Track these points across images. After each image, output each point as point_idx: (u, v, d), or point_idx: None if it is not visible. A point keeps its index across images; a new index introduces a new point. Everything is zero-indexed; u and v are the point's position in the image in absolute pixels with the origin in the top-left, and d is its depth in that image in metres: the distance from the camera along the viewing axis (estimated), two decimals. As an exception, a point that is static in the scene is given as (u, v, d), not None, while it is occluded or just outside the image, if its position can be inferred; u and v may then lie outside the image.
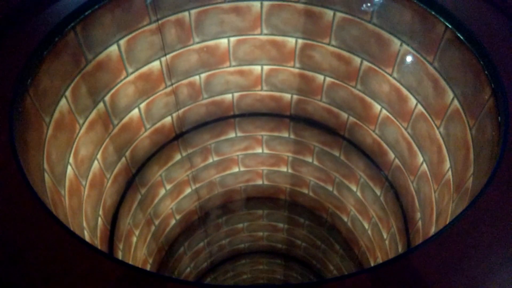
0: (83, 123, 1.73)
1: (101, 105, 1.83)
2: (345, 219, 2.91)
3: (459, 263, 0.93)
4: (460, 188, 1.44)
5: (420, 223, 1.90)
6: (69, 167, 1.62)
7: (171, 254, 3.09)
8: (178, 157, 2.57)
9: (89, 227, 1.75)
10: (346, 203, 2.79)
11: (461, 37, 1.45)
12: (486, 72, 1.35)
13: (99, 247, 1.84)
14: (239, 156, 2.84)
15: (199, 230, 3.27)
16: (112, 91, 1.88)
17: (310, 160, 2.75)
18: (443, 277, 0.92)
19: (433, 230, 1.66)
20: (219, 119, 2.51)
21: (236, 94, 2.40)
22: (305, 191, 3.05)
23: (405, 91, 1.86)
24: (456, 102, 1.55)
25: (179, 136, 2.45)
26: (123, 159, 2.13)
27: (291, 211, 3.33)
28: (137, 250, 2.49)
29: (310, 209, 3.17)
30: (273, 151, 2.81)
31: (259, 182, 3.08)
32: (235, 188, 3.11)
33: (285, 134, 2.64)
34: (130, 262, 2.36)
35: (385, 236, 2.42)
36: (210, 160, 2.77)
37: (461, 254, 0.95)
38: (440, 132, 1.68)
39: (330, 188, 2.84)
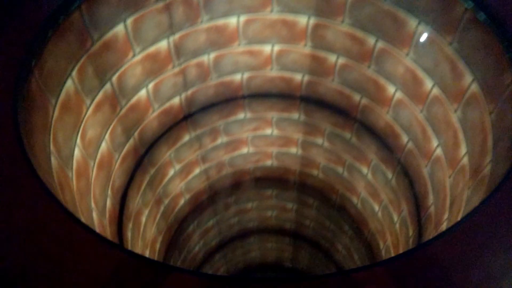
0: (90, 104, 1.70)
1: (108, 85, 1.80)
2: (355, 201, 2.88)
3: (479, 255, 0.90)
4: (477, 176, 1.39)
5: (432, 208, 1.87)
6: (76, 148, 1.60)
7: (180, 233, 3.12)
8: (187, 137, 2.55)
9: (98, 208, 1.75)
10: (356, 185, 2.76)
11: (483, 18, 1.38)
12: (508, 55, 1.28)
13: (108, 228, 1.84)
14: (248, 137, 2.81)
15: (208, 209, 3.28)
16: (119, 71, 1.84)
17: (320, 141, 2.71)
18: (460, 270, 0.89)
19: (446, 217, 1.63)
20: (228, 100, 2.47)
21: (246, 75, 2.34)
22: (315, 172, 3.02)
23: (421, 73, 1.80)
24: (474, 85, 1.48)
25: (187, 116, 2.42)
26: (132, 139, 2.11)
27: (300, 192, 3.31)
28: (147, 229, 2.50)
29: (320, 190, 3.15)
30: (282, 132, 2.77)
31: (269, 163, 3.06)
32: (244, 169, 3.09)
33: (295, 115, 2.60)
34: (139, 241, 2.38)
35: (395, 219, 2.39)
36: (219, 141, 2.75)
37: (480, 246, 0.92)
38: (456, 116, 1.62)
39: (340, 170, 2.80)
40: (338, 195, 3.02)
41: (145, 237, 2.49)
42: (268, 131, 2.77)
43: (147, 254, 2.50)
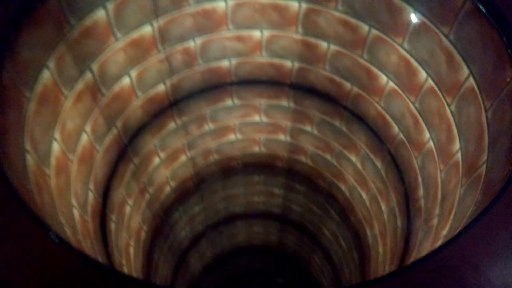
0: (69, 94, 1.61)
1: (88, 74, 1.70)
2: (343, 188, 2.86)
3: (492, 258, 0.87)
4: (471, 174, 1.36)
5: (422, 201, 1.85)
6: (54, 143, 1.51)
7: (166, 220, 3.07)
8: (172, 125, 2.47)
9: (79, 204, 1.68)
10: (345, 173, 2.73)
11: (483, 10, 1.32)
12: (509, 50, 1.23)
13: (90, 223, 1.78)
14: (236, 124, 2.74)
15: (194, 196, 3.23)
16: (100, 59, 1.74)
17: (309, 129, 2.66)
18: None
19: (437, 212, 1.61)
20: (215, 87, 2.38)
21: (234, 61, 2.25)
22: (303, 159, 2.98)
23: (415, 64, 1.74)
24: (471, 80, 1.43)
25: (173, 104, 2.33)
26: (114, 129, 2.02)
27: (288, 178, 3.28)
28: (131, 220, 2.44)
29: (308, 176, 3.12)
30: (271, 119, 2.70)
31: (256, 149, 3.00)
32: (231, 156, 3.03)
33: (285, 103, 2.53)
34: (124, 233, 2.32)
35: (383, 209, 2.38)
36: (206, 128, 2.67)
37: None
38: (451, 110, 1.58)
39: (329, 158, 2.77)
40: (326, 181, 3.00)
41: (130, 228, 2.43)
42: (256, 118, 2.70)
43: (131, 244, 2.45)
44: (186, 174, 2.94)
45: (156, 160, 2.55)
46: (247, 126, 2.77)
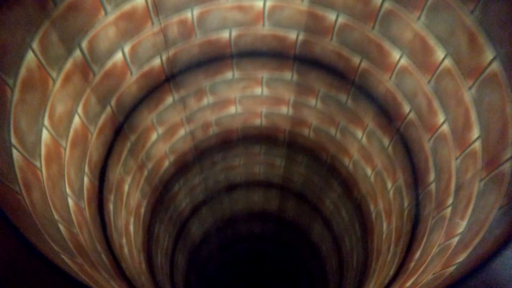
0: (58, 76, 1.48)
1: (77, 52, 1.56)
2: (346, 163, 2.79)
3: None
4: (492, 168, 1.27)
5: (433, 186, 1.77)
6: (44, 131, 1.41)
7: (166, 193, 3.02)
8: (170, 99, 2.34)
9: (74, 192, 1.60)
10: (349, 148, 2.65)
11: (516, -14, 1.18)
12: (544, 36, 1.11)
13: (86, 210, 1.70)
14: (236, 97, 2.61)
15: (194, 168, 3.16)
16: (90, 35, 1.59)
17: (313, 103, 2.54)
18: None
19: (450, 201, 1.54)
20: (214, 59, 2.24)
21: (234, 32, 2.09)
22: (306, 132, 2.88)
23: (432, 41, 1.60)
24: (496, 64, 1.31)
25: (170, 78, 2.19)
26: (108, 108, 1.91)
27: (289, 150, 3.20)
28: (130, 197, 2.38)
29: (310, 149, 3.04)
30: (273, 92, 2.58)
31: (257, 122, 2.90)
32: (231, 128, 2.93)
33: (288, 75, 2.39)
34: (123, 211, 2.27)
35: (389, 187, 2.32)
36: (205, 102, 2.55)
37: None
38: (470, 94, 1.47)
39: (333, 132, 2.67)
40: (329, 155, 2.92)
41: (129, 205, 2.37)
42: (257, 91, 2.57)
43: (131, 221, 2.40)
44: (185, 147, 2.85)
45: (154, 136, 2.45)
46: (248, 99, 2.65)
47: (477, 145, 1.41)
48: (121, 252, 2.03)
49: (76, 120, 1.67)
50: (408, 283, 1.39)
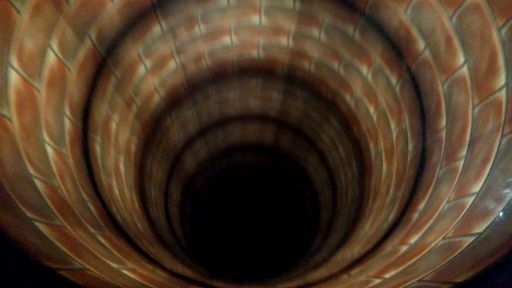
0: (23, 7, 1.26)
1: (44, -24, 1.32)
2: (348, 99, 2.63)
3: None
4: (518, 124, 1.14)
5: (443, 133, 1.65)
6: (12, 73, 1.22)
7: (157, 128, 2.88)
8: (157, 29, 2.11)
9: (53, 138, 1.45)
10: (352, 84, 2.47)
11: None
12: None
13: (69, 155, 1.57)
14: (231, 26, 2.37)
15: (186, 102, 3.00)
16: (57, -46, 1.34)
17: (316, 34, 2.31)
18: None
19: (463, 154, 1.42)
20: (207, -17, 1.97)
21: (230, -49, 1.81)
22: (306, 65, 2.68)
23: (461, -32, 1.37)
24: (539, 1, 1.12)
25: (156, 5, 1.94)
26: (88, 41, 1.69)
27: (287, 84, 3.01)
28: (119, 135, 2.25)
29: (310, 84, 2.86)
30: (272, 21, 2.33)
31: (254, 54, 2.68)
32: (226, 60, 2.71)
33: (289, 3, 2.14)
34: (112, 151, 2.15)
35: (392, 127, 2.20)
36: (197, 31, 2.31)
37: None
38: (500, 36, 1.28)
39: (336, 66, 2.48)
40: (330, 90, 2.75)
41: (118, 144, 2.25)
42: (255, 19, 2.33)
43: (121, 160, 2.30)
44: (177, 81, 2.66)
45: (142, 69, 2.25)
46: (245, 28, 2.41)
47: (502, 94, 1.26)
48: (111, 194, 1.94)
49: (51, 56, 1.47)
50: (413, 239, 1.32)
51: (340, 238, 2.71)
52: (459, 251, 0.90)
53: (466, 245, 0.91)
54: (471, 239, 0.92)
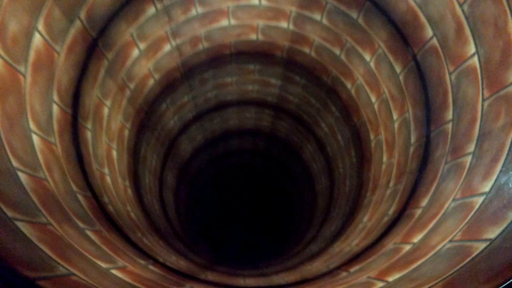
0: (3, -16, 1.16)
1: (27, -49, 1.22)
2: (349, 86, 2.55)
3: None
4: (534, 121, 1.07)
5: (450, 125, 1.58)
6: (-7, 56, 1.14)
7: (152, 113, 2.80)
8: (151, 10, 2.01)
9: (40, 126, 1.37)
10: (354, 71, 2.39)
11: None
12: None
13: (57, 144, 1.50)
14: (229, 7, 2.27)
15: (182, 86, 2.90)
16: None
17: (318, 17, 2.22)
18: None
19: (471, 150, 1.36)
20: (204, -38, 1.86)
21: None
22: (307, 50, 2.59)
23: (477, -49, 1.28)
24: (562, -12, 1.03)
25: (151, -16, 1.84)
26: (78, 22, 1.59)
27: (287, 69, 2.93)
28: (111, 121, 2.16)
29: (309, 69, 2.77)
30: (273, 3, 2.23)
31: (253, 37, 2.58)
32: (223, 43, 2.61)
33: (291, -15, 2.04)
34: (103, 137, 2.07)
35: (395, 118, 2.13)
36: (193, 12, 2.21)
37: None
38: (516, 25, 1.20)
39: (338, 52, 2.39)
40: (330, 77, 2.67)
41: (110, 130, 2.17)
42: (254, 0, 2.22)
43: (114, 146, 2.22)
44: (172, 64, 2.56)
45: (135, 52, 2.16)
46: (243, 10, 2.30)
47: (516, 88, 1.19)
48: (103, 183, 1.87)
49: (37, 38, 1.38)
50: (416, 238, 1.27)
51: (337, 229, 2.67)
52: (470, 258, 0.85)
53: (477, 252, 0.86)
54: (483, 245, 0.86)
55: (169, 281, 1.28)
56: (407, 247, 1.25)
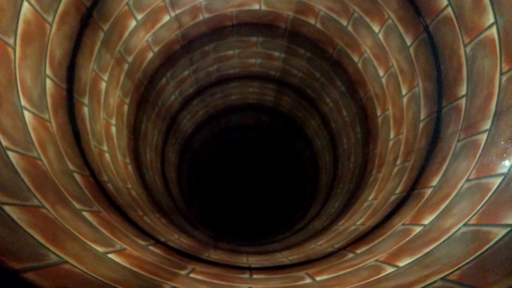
0: None
1: None
2: (356, 59, 2.45)
3: None
4: (559, 96, 1.00)
5: (463, 101, 1.50)
6: (-24, 27, 1.06)
7: (151, 87, 2.72)
8: (149, -22, 1.90)
9: (32, 101, 1.30)
10: (361, 43, 2.29)
11: None
12: None
13: (52, 120, 1.43)
14: (231, -24, 2.15)
15: (182, 59, 2.81)
16: None
17: (324, -13, 2.10)
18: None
19: (486, 127, 1.28)
20: None
21: None
22: (312, 21, 2.48)
23: None
24: None
25: (147, -50, 1.73)
26: (69, -9, 1.50)
27: (290, 41, 2.82)
28: (109, 96, 2.09)
29: (314, 41, 2.66)
30: (277, -28, 2.11)
31: (256, 7, 2.46)
32: (225, 13, 2.50)
33: (296, -50, 1.92)
34: (102, 113, 2.00)
35: (404, 93, 2.04)
36: (193, -19, 2.10)
37: None
38: (542, -8, 1.11)
39: (344, 23, 2.28)
40: (336, 49, 2.56)
41: (108, 105, 2.10)
42: (257, -32, 2.11)
43: (113, 123, 2.15)
44: (171, 36, 2.46)
45: (132, 23, 2.06)
46: (246, -22, 2.19)
47: (540, 61, 1.11)
48: (102, 161, 1.82)
49: (26, 8, 1.29)
50: (427, 220, 1.22)
51: (341, 206, 2.63)
52: (489, 245, 0.79)
53: (497, 238, 0.80)
54: (503, 231, 0.81)
55: (170, 263, 1.24)
56: (418, 229, 1.20)
